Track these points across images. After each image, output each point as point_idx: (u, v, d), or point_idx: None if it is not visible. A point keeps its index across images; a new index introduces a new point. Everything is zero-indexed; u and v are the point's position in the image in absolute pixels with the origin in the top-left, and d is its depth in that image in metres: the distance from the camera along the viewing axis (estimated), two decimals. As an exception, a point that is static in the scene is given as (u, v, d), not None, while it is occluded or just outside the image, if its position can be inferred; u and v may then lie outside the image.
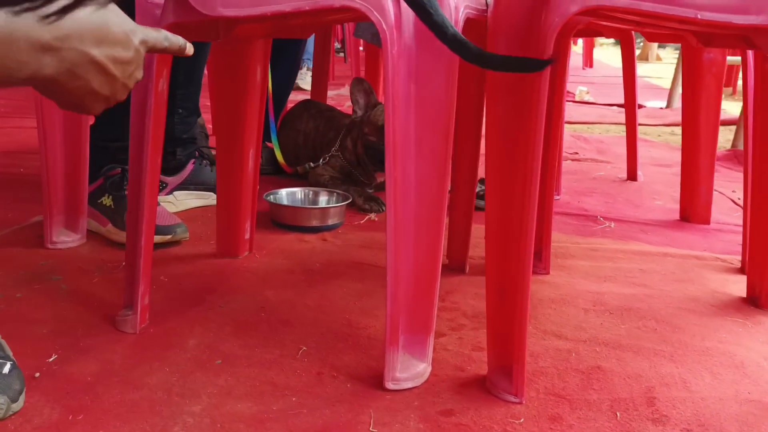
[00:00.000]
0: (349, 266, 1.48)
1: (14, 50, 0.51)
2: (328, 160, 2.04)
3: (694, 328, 1.19)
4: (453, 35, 0.83)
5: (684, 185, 1.89)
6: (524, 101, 0.90)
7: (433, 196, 0.99)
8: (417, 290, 1.01)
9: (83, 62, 0.56)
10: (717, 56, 1.71)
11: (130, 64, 0.61)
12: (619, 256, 1.57)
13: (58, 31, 0.53)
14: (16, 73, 0.52)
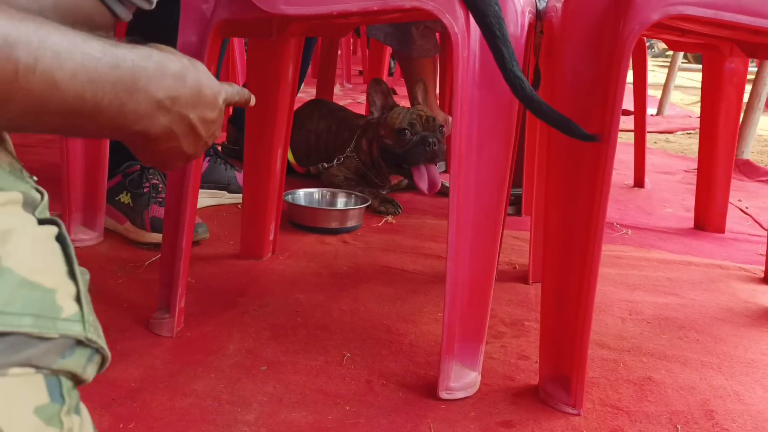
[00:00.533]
0: (377, 270, 1.46)
1: (134, 101, 0.48)
2: (342, 160, 2.02)
3: (735, 339, 1.19)
4: (512, 71, 0.84)
5: (699, 194, 1.90)
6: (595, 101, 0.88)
7: (491, 203, 0.98)
8: (471, 298, 0.99)
9: (183, 124, 0.54)
10: (738, 67, 1.71)
11: (214, 124, 0.60)
12: (644, 264, 1.57)
13: (170, 91, 0.52)
14: (131, 124, 0.49)
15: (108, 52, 0.45)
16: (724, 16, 0.81)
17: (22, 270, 0.39)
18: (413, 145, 1.87)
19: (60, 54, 0.41)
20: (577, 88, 0.91)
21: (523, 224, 1.76)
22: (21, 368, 0.38)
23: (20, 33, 0.39)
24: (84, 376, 0.43)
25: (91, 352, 0.44)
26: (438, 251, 1.60)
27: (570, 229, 0.94)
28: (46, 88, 0.41)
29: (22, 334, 0.38)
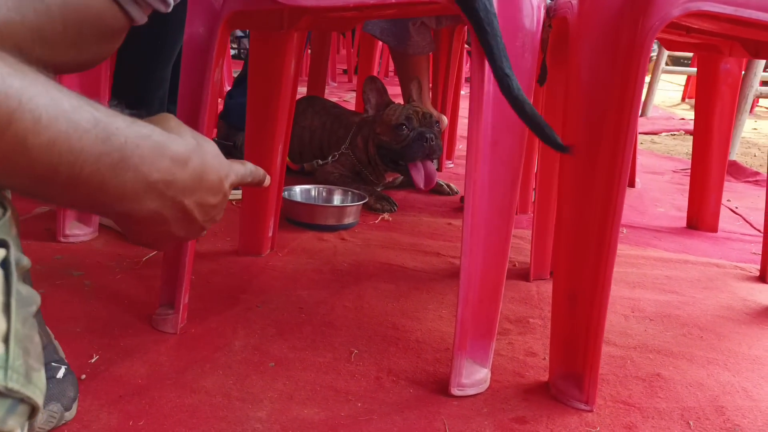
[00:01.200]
0: (377, 267, 1.45)
1: (119, 179, 0.44)
2: (337, 158, 2.00)
3: (738, 336, 1.20)
4: (501, 68, 0.83)
5: (693, 193, 1.91)
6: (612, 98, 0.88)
7: (504, 200, 0.97)
8: (483, 295, 0.99)
9: (176, 209, 0.50)
10: (733, 67, 1.73)
11: (215, 208, 0.56)
12: (641, 262, 1.57)
13: (166, 174, 0.47)
14: (112, 203, 0.45)
15: (101, 124, 0.41)
16: (743, 12, 0.81)
17: None
18: (410, 141, 1.86)
19: (40, 120, 0.38)
20: (594, 85, 0.91)
21: (519, 222, 1.76)
22: None
23: (4, 87, 0.36)
24: (5, 428, 0.38)
25: (13, 403, 0.38)
26: (436, 249, 1.59)
27: (584, 227, 0.94)
28: (15, 152, 0.37)
29: None
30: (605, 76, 0.89)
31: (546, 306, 1.28)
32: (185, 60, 1.06)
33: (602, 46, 0.89)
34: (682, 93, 5.87)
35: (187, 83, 1.04)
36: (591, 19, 0.90)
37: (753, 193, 2.41)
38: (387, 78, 5.58)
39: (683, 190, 2.29)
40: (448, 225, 1.79)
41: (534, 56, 0.93)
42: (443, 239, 1.67)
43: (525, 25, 0.93)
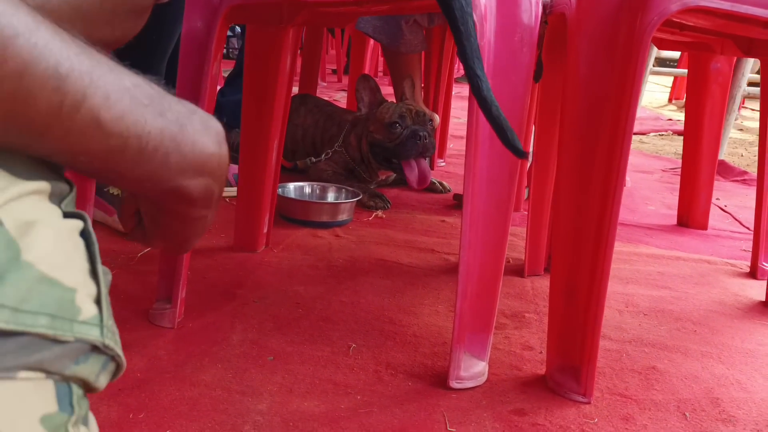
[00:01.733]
0: (372, 263, 1.45)
1: (180, 152, 0.44)
2: (330, 155, 2.00)
3: (731, 330, 1.22)
4: (472, 68, 0.84)
5: (683, 191, 1.93)
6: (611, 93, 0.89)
7: (502, 194, 0.98)
8: (481, 288, 0.99)
9: (218, 190, 0.50)
10: (724, 66, 1.75)
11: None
12: (634, 259, 1.59)
13: (217, 148, 0.47)
14: (173, 177, 0.45)
15: (155, 99, 0.42)
16: (740, 8, 0.82)
17: (43, 265, 0.36)
18: (404, 139, 1.87)
19: (110, 96, 0.39)
20: (592, 80, 0.92)
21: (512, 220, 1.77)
22: (31, 372, 0.35)
23: (74, 66, 0.37)
24: (96, 384, 0.40)
25: (106, 360, 0.40)
26: (431, 245, 1.60)
27: (582, 222, 0.95)
28: (89, 128, 0.38)
29: (35, 335, 0.34)
30: (603, 72, 0.90)
31: (541, 301, 1.29)
32: (183, 55, 1.06)
33: (600, 42, 0.90)
34: (669, 94, 5.92)
35: (186, 78, 1.04)
36: (589, 15, 0.91)
37: (741, 191, 2.44)
38: (377, 78, 5.59)
39: (673, 188, 2.31)
40: (441, 222, 1.80)
41: (532, 51, 0.94)
42: (437, 236, 1.67)
43: (523, 20, 0.93)
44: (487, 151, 0.95)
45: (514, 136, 0.82)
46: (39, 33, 0.35)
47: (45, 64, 0.35)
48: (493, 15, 0.92)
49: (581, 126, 0.93)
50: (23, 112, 0.35)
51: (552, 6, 1.08)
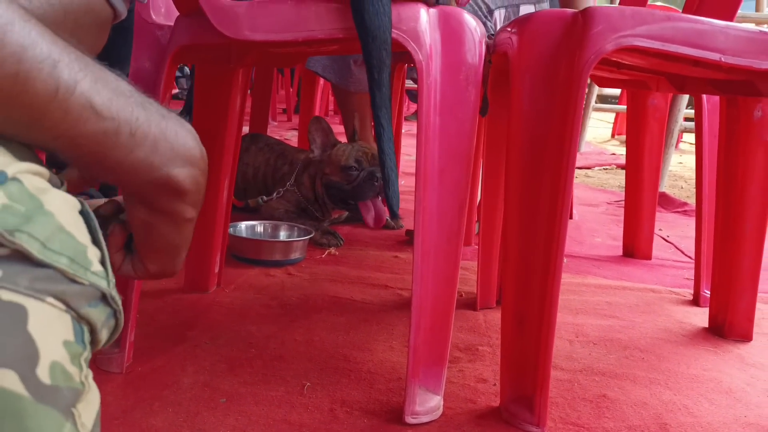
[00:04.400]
0: (326, 301, 1.45)
1: (169, 142, 0.47)
2: (282, 194, 2.00)
3: (677, 357, 1.25)
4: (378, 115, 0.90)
5: (627, 223, 1.99)
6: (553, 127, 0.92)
7: (452, 228, 0.99)
8: (434, 322, 1.00)
9: (203, 185, 0.51)
10: (660, 102, 1.83)
11: None
12: (583, 289, 1.62)
13: (196, 143, 0.50)
14: (164, 164, 0.47)
15: (135, 94, 0.45)
16: (670, 47, 0.87)
17: (60, 218, 0.40)
18: (361, 181, 1.88)
19: (98, 83, 0.42)
20: (535, 116, 0.95)
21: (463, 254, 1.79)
22: (56, 301, 0.38)
23: (63, 56, 0.40)
24: (99, 334, 0.42)
25: (110, 313, 0.43)
26: (383, 281, 1.60)
27: (530, 255, 0.97)
28: (84, 111, 0.41)
29: (59, 270, 0.39)
30: (545, 108, 0.94)
31: (494, 334, 1.31)
32: (131, 94, 1.05)
33: (541, 80, 0.93)
34: (612, 129, 6.11)
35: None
36: (530, 54, 0.94)
37: (682, 222, 2.52)
38: (327, 117, 5.63)
39: (617, 220, 2.37)
40: (394, 258, 1.81)
41: (477, 89, 0.96)
42: (390, 272, 1.68)
43: (468, 59, 0.96)
44: (436, 185, 0.96)
45: (394, 194, 0.89)
46: (30, 24, 0.39)
47: (39, 50, 0.39)
48: (439, 54, 0.95)
49: (526, 161, 0.96)
50: (24, 95, 0.39)
51: (495, 45, 1.11)
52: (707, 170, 1.54)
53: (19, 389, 0.35)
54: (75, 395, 0.39)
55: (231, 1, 0.92)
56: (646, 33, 0.87)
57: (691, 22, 0.88)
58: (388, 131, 0.89)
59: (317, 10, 0.91)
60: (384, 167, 0.91)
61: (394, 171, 0.91)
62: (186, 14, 0.98)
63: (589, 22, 0.88)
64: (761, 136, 1.27)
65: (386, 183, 0.91)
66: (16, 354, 0.35)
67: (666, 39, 0.87)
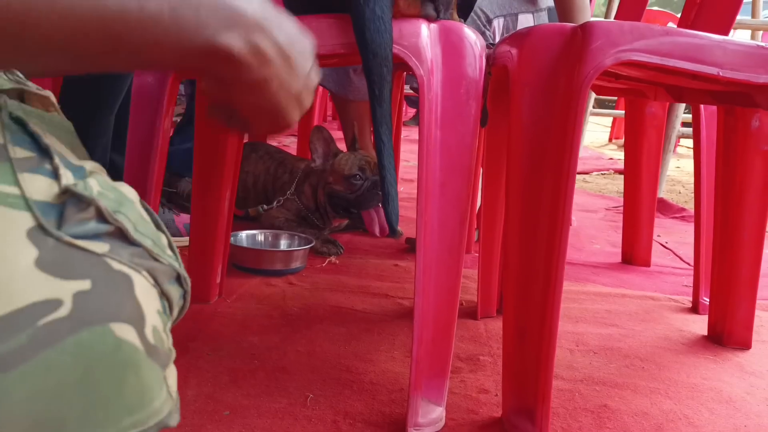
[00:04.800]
0: (327, 310, 1.45)
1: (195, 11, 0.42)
2: (282, 202, 2.01)
3: (676, 365, 1.26)
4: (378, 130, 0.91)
5: (626, 230, 2.00)
6: (553, 140, 0.93)
7: (454, 240, 1.00)
8: (436, 334, 1.01)
9: (270, 43, 0.46)
10: (658, 111, 1.84)
11: (310, 68, 0.51)
12: (582, 297, 1.63)
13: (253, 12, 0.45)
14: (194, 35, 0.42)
15: None
16: (668, 62, 0.88)
17: (137, 206, 0.44)
18: (365, 190, 1.89)
19: None
20: (535, 128, 0.95)
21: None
22: (148, 275, 0.42)
23: None
24: (173, 311, 0.46)
25: (182, 293, 0.46)
26: (384, 290, 1.61)
27: (530, 265, 0.98)
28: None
29: (146, 250, 0.42)
30: (545, 121, 0.94)
31: (495, 343, 1.31)
32: (134, 110, 1.06)
33: (541, 94, 0.94)
34: (609, 134, 6.14)
35: (136, 133, 1.04)
36: (530, 68, 0.95)
37: (680, 228, 2.54)
38: (325, 122, 5.64)
39: (616, 226, 2.39)
40: (395, 266, 1.82)
41: (477, 103, 0.97)
42: (391, 280, 1.69)
43: (468, 73, 0.97)
44: (437, 198, 0.97)
45: (393, 210, 0.90)
46: None
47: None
48: (440, 69, 0.96)
49: (526, 175, 0.97)
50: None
51: (495, 57, 1.12)
52: (705, 178, 1.55)
53: (137, 343, 0.39)
54: (167, 358, 0.43)
55: (233, 17, 0.93)
56: (645, 47, 0.88)
57: (688, 36, 0.89)
58: (388, 147, 0.90)
59: (319, 26, 0.92)
60: (384, 182, 0.92)
61: (393, 187, 0.92)
62: (188, 30, 0.98)
63: (589, 36, 0.89)
64: (759, 146, 1.28)
65: (386, 198, 0.92)
66: (131, 314, 0.39)
67: (664, 53, 0.88)
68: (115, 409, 0.38)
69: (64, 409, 0.36)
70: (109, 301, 0.38)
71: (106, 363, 0.37)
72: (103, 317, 0.37)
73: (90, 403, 0.37)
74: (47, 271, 0.36)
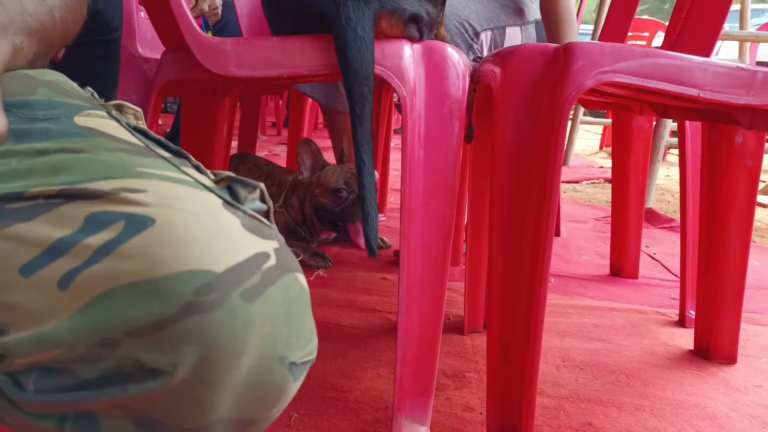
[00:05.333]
0: (314, 325, 1.45)
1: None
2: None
3: (662, 381, 1.26)
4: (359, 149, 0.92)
5: (614, 242, 2.00)
6: (536, 159, 0.93)
7: (438, 258, 1.00)
8: (420, 353, 1.01)
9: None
10: (644, 124, 1.85)
11: None
12: (570, 311, 1.63)
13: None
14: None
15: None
16: (650, 83, 0.88)
17: None
18: (350, 203, 1.89)
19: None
20: (518, 148, 0.96)
21: (451, 275, 1.80)
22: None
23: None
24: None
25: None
26: (372, 304, 1.61)
27: (514, 281, 0.98)
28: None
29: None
30: (528, 141, 0.95)
31: (481, 359, 1.31)
32: (117, 127, 1.06)
33: (524, 114, 0.95)
34: (600, 141, 6.16)
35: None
36: (513, 87, 0.95)
37: (669, 238, 2.54)
38: (316, 131, 5.64)
39: (605, 237, 2.39)
40: (382, 279, 1.82)
41: (461, 122, 0.97)
42: (378, 294, 1.69)
43: (451, 93, 0.98)
44: (421, 217, 0.97)
45: (372, 230, 0.90)
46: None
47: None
48: (423, 88, 0.96)
49: (510, 192, 0.97)
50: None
51: (479, 75, 1.13)
52: (691, 192, 1.56)
53: (308, 290, 0.49)
54: None
55: (217, 38, 0.93)
56: (626, 69, 0.88)
57: (670, 58, 0.89)
58: (369, 166, 0.90)
59: (302, 47, 0.92)
60: (364, 202, 0.91)
61: (374, 207, 0.92)
62: (172, 50, 0.98)
63: (570, 58, 0.89)
64: (742, 162, 1.28)
65: (365, 219, 0.91)
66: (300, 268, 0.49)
67: (645, 75, 0.88)
68: (303, 338, 0.48)
69: (279, 334, 0.46)
70: (290, 256, 0.48)
71: (298, 302, 0.47)
72: (292, 268, 0.48)
73: (292, 331, 0.47)
74: (252, 232, 0.46)
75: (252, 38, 0.93)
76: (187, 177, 0.48)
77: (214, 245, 0.44)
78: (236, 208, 0.48)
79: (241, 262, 0.44)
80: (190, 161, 0.51)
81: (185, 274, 0.42)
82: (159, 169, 0.48)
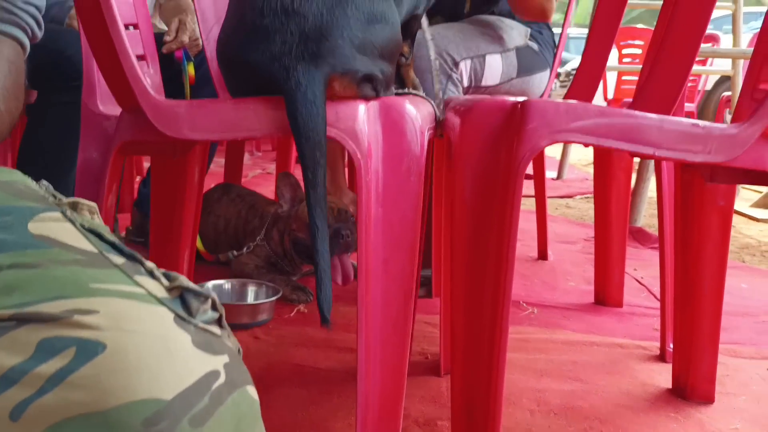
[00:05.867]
0: (289, 370, 1.44)
1: None
2: (252, 248, 2.00)
3: (636, 426, 1.25)
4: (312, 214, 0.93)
5: (597, 270, 1.99)
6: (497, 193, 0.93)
7: (399, 315, 0.99)
8: (383, 414, 0.99)
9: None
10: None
11: None
12: (550, 347, 1.62)
13: None
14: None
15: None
16: (605, 143, 0.87)
17: None
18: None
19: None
20: (476, 204, 0.95)
21: (434, 307, 1.79)
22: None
23: None
24: None
25: None
26: (350, 343, 1.60)
27: (475, 336, 0.97)
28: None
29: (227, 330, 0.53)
30: (485, 195, 0.94)
31: (454, 404, 1.30)
32: (79, 184, 1.06)
33: (481, 170, 0.94)
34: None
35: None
36: (471, 143, 0.95)
37: (657, 260, 2.52)
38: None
39: (593, 260, 2.37)
40: (363, 315, 1.80)
41: (419, 179, 0.97)
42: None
43: (410, 149, 0.97)
44: (380, 277, 0.96)
45: (325, 298, 0.89)
46: None
47: None
48: (380, 146, 0.95)
49: (468, 245, 0.97)
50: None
51: (444, 124, 1.12)
52: (668, 224, 1.55)
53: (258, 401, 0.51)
54: None
55: (170, 101, 0.93)
56: (581, 128, 0.88)
57: (624, 117, 0.89)
58: (322, 231, 0.90)
59: (256, 110, 0.91)
60: (317, 269, 0.91)
61: (327, 274, 0.91)
62: (128, 111, 0.98)
63: (525, 117, 0.89)
64: (715, 201, 1.27)
65: (318, 285, 0.91)
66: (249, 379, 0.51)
67: (600, 134, 0.87)
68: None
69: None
70: (240, 369, 0.50)
71: (248, 415, 0.49)
72: (242, 382, 0.49)
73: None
74: (202, 350, 0.47)
75: (206, 101, 0.92)
76: (139, 289, 0.48)
77: (165, 371, 0.44)
78: (188, 322, 0.48)
79: (191, 386, 0.45)
80: (144, 266, 0.51)
81: (135, 404, 0.43)
82: (112, 283, 0.48)
